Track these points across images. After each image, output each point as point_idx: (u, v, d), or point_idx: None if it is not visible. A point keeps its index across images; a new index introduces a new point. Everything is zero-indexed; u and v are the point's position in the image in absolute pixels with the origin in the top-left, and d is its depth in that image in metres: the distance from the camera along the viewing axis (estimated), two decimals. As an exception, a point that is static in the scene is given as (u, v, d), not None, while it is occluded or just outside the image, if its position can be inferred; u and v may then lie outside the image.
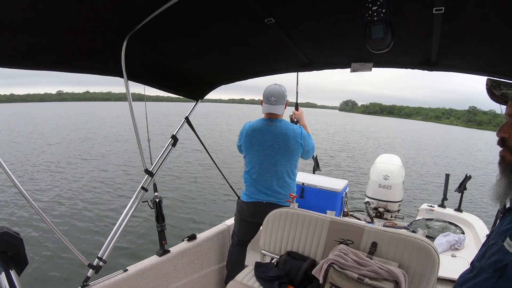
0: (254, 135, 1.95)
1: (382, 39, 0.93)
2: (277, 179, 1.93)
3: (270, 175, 1.93)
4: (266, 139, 1.91)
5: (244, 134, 2.00)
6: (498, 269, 0.65)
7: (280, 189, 1.93)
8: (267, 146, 1.91)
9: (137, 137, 1.57)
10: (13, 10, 0.91)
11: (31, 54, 1.17)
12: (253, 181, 1.97)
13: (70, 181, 7.65)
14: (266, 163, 1.92)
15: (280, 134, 1.89)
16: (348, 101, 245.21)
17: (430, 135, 35.04)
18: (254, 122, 2.01)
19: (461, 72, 1.36)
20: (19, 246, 0.60)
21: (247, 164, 2.02)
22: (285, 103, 1.96)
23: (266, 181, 1.94)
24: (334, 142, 18.41)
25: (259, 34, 1.34)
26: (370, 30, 0.94)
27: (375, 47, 0.96)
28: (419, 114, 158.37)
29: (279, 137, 1.89)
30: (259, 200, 1.95)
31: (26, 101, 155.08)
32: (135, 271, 1.65)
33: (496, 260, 0.67)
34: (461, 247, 2.23)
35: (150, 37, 1.32)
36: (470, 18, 1.01)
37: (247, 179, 2.01)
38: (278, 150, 1.90)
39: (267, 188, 1.94)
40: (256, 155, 1.94)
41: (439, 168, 12.42)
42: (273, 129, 1.91)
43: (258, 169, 1.95)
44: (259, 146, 1.93)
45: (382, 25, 0.91)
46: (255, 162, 1.95)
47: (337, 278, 1.35)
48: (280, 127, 1.91)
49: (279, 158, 1.90)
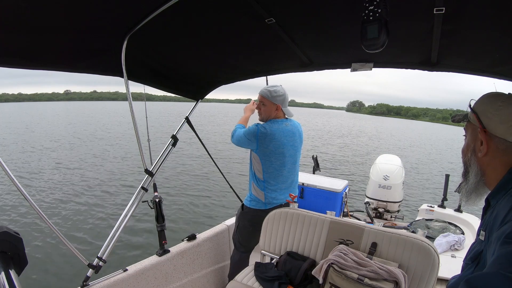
0: (281, 140, 1.86)
1: (377, 38, 0.93)
2: (296, 175, 2.02)
3: (293, 172, 1.99)
4: (289, 140, 1.91)
5: (267, 138, 1.83)
6: (475, 258, 0.73)
7: (297, 184, 2.04)
8: (290, 146, 1.92)
9: (137, 137, 1.57)
10: (13, 10, 0.91)
11: (31, 54, 1.17)
12: (281, 185, 1.92)
13: (71, 181, 7.65)
14: (289, 164, 1.94)
15: (296, 132, 1.96)
16: (355, 102, 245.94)
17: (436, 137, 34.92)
18: (274, 125, 1.87)
19: (461, 72, 1.36)
20: (19, 246, 0.60)
21: (269, 169, 1.88)
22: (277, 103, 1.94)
23: (293, 181, 2.00)
24: (334, 144, 18.39)
25: (259, 34, 1.34)
26: (366, 30, 0.94)
27: (369, 47, 0.96)
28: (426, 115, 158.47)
29: (296, 135, 1.95)
30: (282, 202, 1.94)
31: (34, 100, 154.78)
32: (135, 271, 1.65)
33: (475, 252, 0.75)
34: (461, 247, 2.23)
35: (150, 37, 1.32)
36: (470, 19, 1.01)
37: (268, 184, 1.89)
38: (297, 148, 1.98)
39: (292, 187, 1.99)
40: (289, 158, 1.92)
41: (441, 168, 12.43)
42: (291, 129, 1.94)
43: (290, 170, 1.96)
44: (288, 150, 1.90)
45: (377, 25, 0.91)
46: (286, 165, 1.91)
47: (337, 278, 1.35)
48: (293, 126, 1.96)
49: (298, 155, 2.00)
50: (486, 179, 0.78)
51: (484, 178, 0.78)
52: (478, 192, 0.79)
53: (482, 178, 0.78)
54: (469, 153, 0.81)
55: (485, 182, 0.78)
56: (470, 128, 0.81)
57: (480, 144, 0.76)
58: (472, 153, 0.80)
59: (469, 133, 0.82)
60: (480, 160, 0.78)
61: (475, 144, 0.79)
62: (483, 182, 0.78)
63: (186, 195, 6.77)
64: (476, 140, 0.78)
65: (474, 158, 0.79)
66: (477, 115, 0.77)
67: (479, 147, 0.77)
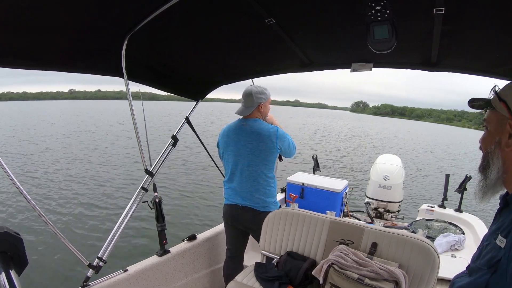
0: (229, 135, 1.88)
1: (387, 39, 0.92)
2: (252, 181, 1.82)
3: (245, 176, 1.83)
4: (240, 138, 1.83)
5: (221, 136, 1.93)
6: (492, 265, 0.67)
7: (255, 192, 1.82)
8: (240, 146, 1.83)
9: (137, 137, 1.57)
10: (13, 10, 0.91)
11: (31, 54, 1.17)
12: (229, 183, 1.91)
13: (71, 181, 7.64)
14: (240, 164, 1.84)
15: (253, 133, 1.80)
16: (359, 102, 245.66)
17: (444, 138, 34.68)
18: (231, 123, 1.93)
19: (461, 72, 1.36)
20: (19, 246, 0.60)
21: (224, 166, 1.96)
22: (256, 105, 1.83)
23: (241, 183, 1.84)
24: (334, 145, 18.38)
25: (259, 34, 1.34)
26: (373, 30, 0.93)
27: (378, 48, 0.96)
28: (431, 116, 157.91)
29: (252, 136, 1.80)
30: (235, 203, 1.86)
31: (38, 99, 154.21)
32: (135, 271, 1.65)
33: (490, 257, 0.69)
34: (461, 247, 2.23)
35: (150, 37, 1.32)
36: (470, 19, 1.01)
37: (225, 181, 1.95)
38: (251, 150, 1.80)
39: (242, 191, 1.84)
40: (231, 155, 1.87)
41: (442, 168, 12.43)
42: (246, 128, 1.83)
43: (233, 170, 1.87)
44: (234, 146, 1.85)
45: (387, 25, 0.90)
46: (230, 163, 1.88)
47: (337, 278, 1.35)
48: (253, 127, 1.82)
49: (253, 158, 1.80)
50: (507, 177, 0.70)
51: (505, 176, 0.70)
52: (495, 190, 0.72)
53: (503, 175, 0.70)
54: (492, 145, 0.72)
55: (503, 180, 0.71)
56: (495, 118, 0.72)
57: (508, 138, 0.68)
58: (496, 146, 0.71)
59: (494, 124, 0.72)
60: (506, 155, 0.69)
61: (501, 136, 0.70)
62: (502, 179, 0.71)
63: (186, 195, 6.77)
64: (503, 132, 0.69)
65: (499, 152, 0.70)
66: (507, 104, 0.68)
67: (506, 140, 0.68)
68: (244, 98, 1.84)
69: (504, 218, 0.70)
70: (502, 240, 0.66)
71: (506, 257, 0.64)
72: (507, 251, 0.65)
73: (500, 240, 0.67)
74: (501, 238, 0.67)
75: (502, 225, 0.69)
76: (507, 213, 0.70)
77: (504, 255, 0.65)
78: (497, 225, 0.73)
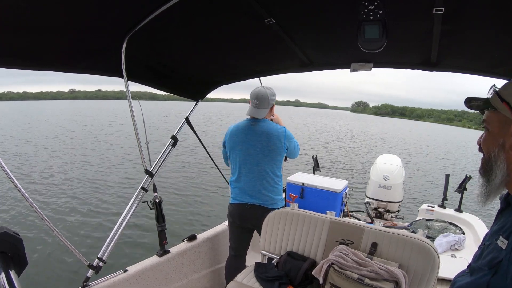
0: (237, 135, 1.90)
1: (377, 39, 0.92)
2: (260, 180, 1.86)
3: (253, 175, 1.87)
4: (249, 138, 1.86)
5: (228, 135, 1.95)
6: (493, 265, 0.67)
7: (264, 190, 1.86)
8: (250, 146, 1.86)
9: (137, 138, 1.57)
10: (13, 10, 0.91)
11: (31, 54, 1.17)
12: (236, 182, 1.93)
13: (71, 181, 7.64)
14: (249, 163, 1.87)
15: (263, 133, 1.84)
16: (359, 102, 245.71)
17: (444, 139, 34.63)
18: (239, 122, 1.96)
19: (461, 72, 1.36)
20: (19, 246, 0.60)
21: (231, 165, 1.98)
22: (270, 107, 1.89)
23: (249, 182, 1.87)
24: (333, 145, 18.38)
25: (259, 34, 1.34)
26: (364, 29, 0.93)
27: (367, 47, 0.96)
28: (431, 116, 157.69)
29: (262, 136, 1.84)
30: (243, 201, 1.89)
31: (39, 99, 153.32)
32: (135, 272, 1.65)
33: (491, 258, 0.69)
34: (461, 247, 2.23)
35: (150, 37, 1.32)
36: (470, 19, 1.01)
37: (231, 180, 1.97)
38: (261, 150, 1.84)
39: (250, 189, 1.88)
40: (239, 154, 1.89)
41: (442, 168, 12.42)
42: (255, 128, 1.86)
43: (241, 169, 1.89)
44: (242, 146, 1.88)
45: (378, 25, 0.90)
46: (238, 162, 1.90)
47: (337, 278, 1.35)
48: (262, 127, 1.86)
49: (262, 158, 1.85)
50: (509, 179, 0.68)
51: (508, 179, 0.69)
52: (497, 193, 0.70)
53: (506, 178, 0.68)
54: (496, 148, 0.69)
55: (507, 183, 0.69)
56: (496, 119, 0.69)
57: None
58: (500, 149, 0.68)
59: (495, 125, 0.70)
60: (511, 158, 0.67)
61: (504, 139, 0.67)
62: (505, 182, 0.69)
63: (186, 195, 6.77)
64: (506, 134, 0.67)
65: (503, 155, 0.68)
66: (510, 105, 0.65)
67: (511, 143, 0.66)
68: (258, 99, 1.85)
69: (505, 219, 0.69)
70: (504, 241, 0.66)
71: (507, 258, 0.64)
72: (508, 253, 0.65)
73: (502, 241, 0.67)
74: (503, 239, 0.66)
75: (504, 226, 0.69)
76: (509, 214, 0.70)
77: (505, 256, 0.65)
78: (498, 225, 0.73)
